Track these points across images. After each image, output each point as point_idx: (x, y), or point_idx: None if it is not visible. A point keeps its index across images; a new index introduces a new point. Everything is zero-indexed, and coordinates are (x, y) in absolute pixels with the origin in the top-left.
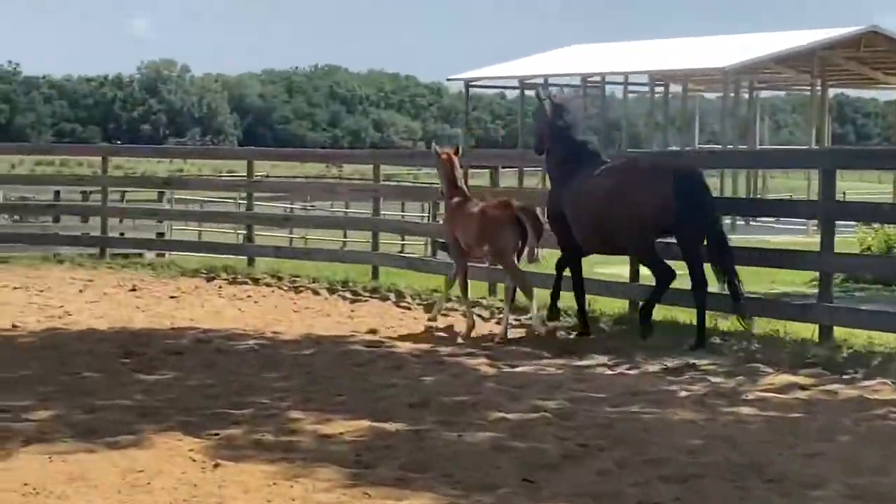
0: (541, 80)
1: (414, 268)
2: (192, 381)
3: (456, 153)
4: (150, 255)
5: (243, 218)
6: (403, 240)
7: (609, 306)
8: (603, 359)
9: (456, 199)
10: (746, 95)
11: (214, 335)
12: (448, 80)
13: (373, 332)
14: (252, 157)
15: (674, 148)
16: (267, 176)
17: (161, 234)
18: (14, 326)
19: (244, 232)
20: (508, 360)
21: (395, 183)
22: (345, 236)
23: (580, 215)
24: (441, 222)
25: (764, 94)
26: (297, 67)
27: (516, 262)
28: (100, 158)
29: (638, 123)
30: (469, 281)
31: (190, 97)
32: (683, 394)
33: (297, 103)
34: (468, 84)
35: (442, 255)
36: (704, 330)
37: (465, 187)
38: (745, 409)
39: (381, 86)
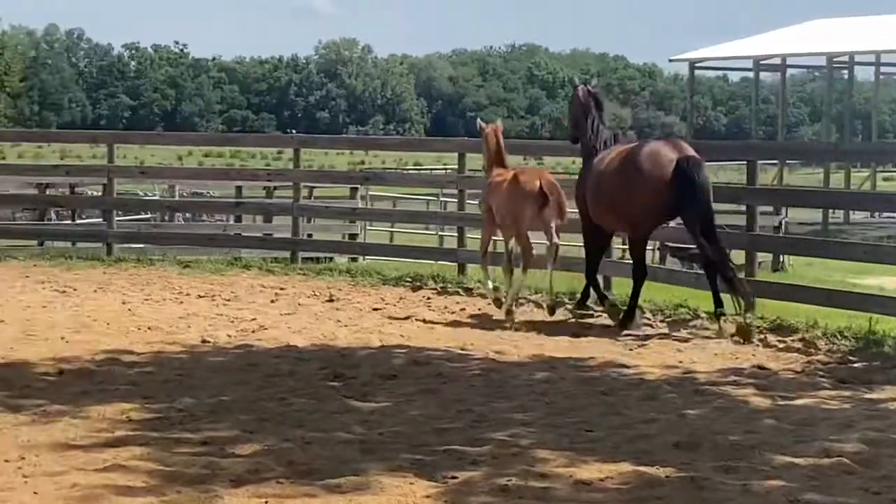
0: (778, 61)
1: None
2: (414, 411)
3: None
4: (341, 260)
5: (454, 219)
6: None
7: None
8: (893, 390)
9: (497, 171)
10: None
11: (431, 355)
12: (671, 60)
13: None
14: (464, 150)
15: None
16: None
17: (354, 236)
18: (204, 341)
19: (448, 234)
20: (781, 390)
21: None
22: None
23: (593, 198)
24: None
25: None
26: (491, 47)
27: (527, 233)
28: (275, 150)
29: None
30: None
31: (373, 81)
32: None
33: (491, 88)
34: (693, 65)
35: (672, 262)
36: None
37: (507, 162)
38: None
39: (585, 68)
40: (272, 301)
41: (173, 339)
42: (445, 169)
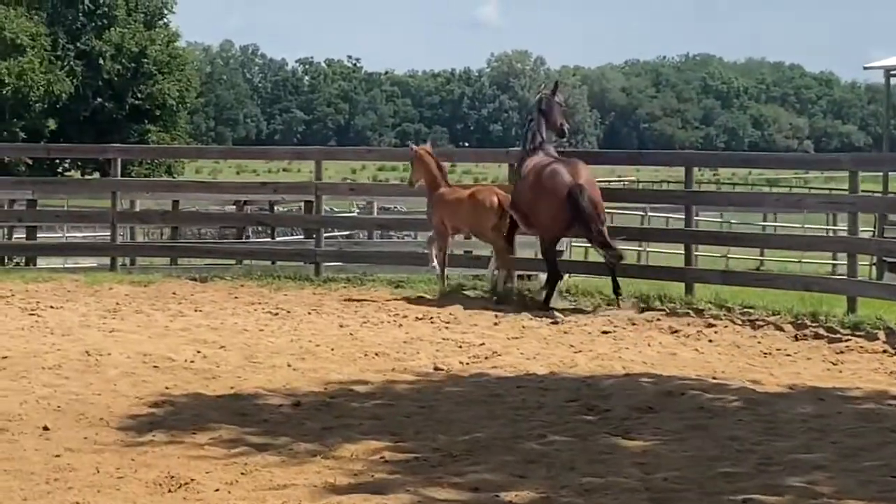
0: None
1: None
2: (688, 451)
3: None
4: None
5: (686, 237)
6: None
7: None
8: None
9: (443, 189)
10: None
11: (684, 385)
12: (865, 68)
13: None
14: (691, 164)
15: None
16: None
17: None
18: (437, 369)
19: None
20: None
21: (878, 194)
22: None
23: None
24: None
25: None
26: (664, 57)
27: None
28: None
29: None
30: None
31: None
32: None
33: (665, 98)
34: (889, 73)
35: (890, 277)
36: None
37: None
38: None
39: (760, 77)
40: (495, 324)
41: (404, 366)
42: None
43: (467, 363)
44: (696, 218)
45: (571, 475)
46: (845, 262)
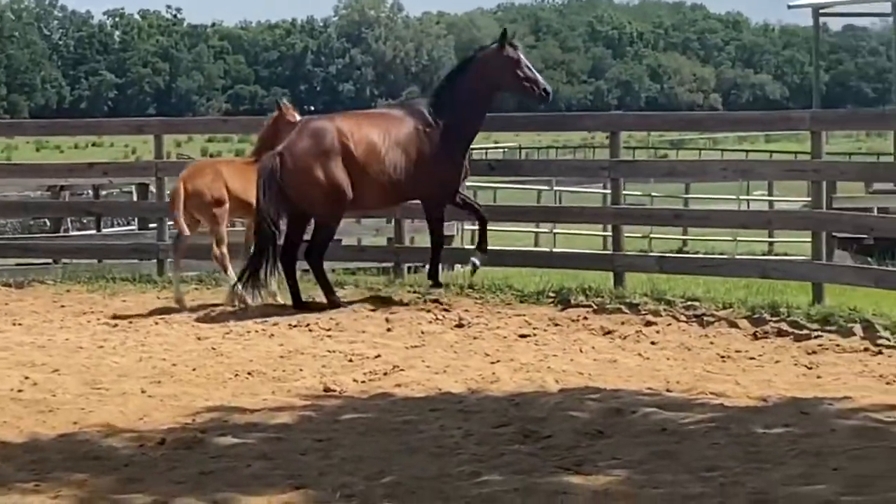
0: None
1: (882, 283)
2: (661, 486)
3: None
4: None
5: (609, 216)
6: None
7: None
8: None
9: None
10: None
11: (635, 401)
12: (790, 7)
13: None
14: (619, 128)
15: None
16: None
17: (450, 238)
18: (327, 390)
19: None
20: None
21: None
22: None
23: None
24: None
25: None
26: (543, 0)
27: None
28: None
29: None
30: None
31: (404, 45)
32: None
33: (546, 48)
34: (818, 11)
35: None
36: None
37: None
38: None
39: (658, 20)
40: (388, 329)
41: (286, 388)
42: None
43: (364, 381)
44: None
45: None
46: (783, 241)
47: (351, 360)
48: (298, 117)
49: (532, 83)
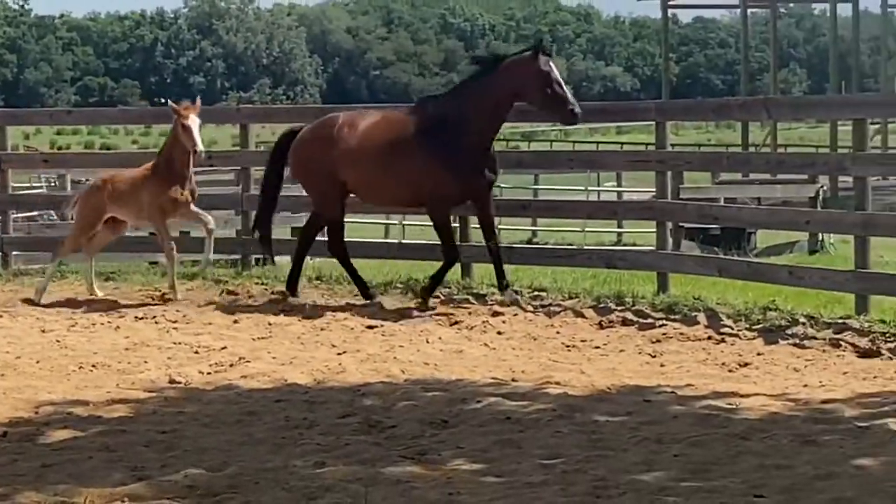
0: None
1: (725, 272)
2: (503, 475)
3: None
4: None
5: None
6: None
7: None
8: None
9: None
10: None
11: (480, 391)
12: None
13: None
14: None
15: None
16: None
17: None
18: (172, 382)
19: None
20: None
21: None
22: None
23: None
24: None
25: None
26: None
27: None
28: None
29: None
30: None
31: (256, 37)
32: None
33: (398, 40)
34: (666, 4)
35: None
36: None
37: None
38: None
39: (509, 13)
40: (235, 322)
41: (131, 380)
42: None
43: (209, 373)
44: None
45: None
46: (632, 231)
47: (197, 352)
48: (193, 119)
49: (560, 101)
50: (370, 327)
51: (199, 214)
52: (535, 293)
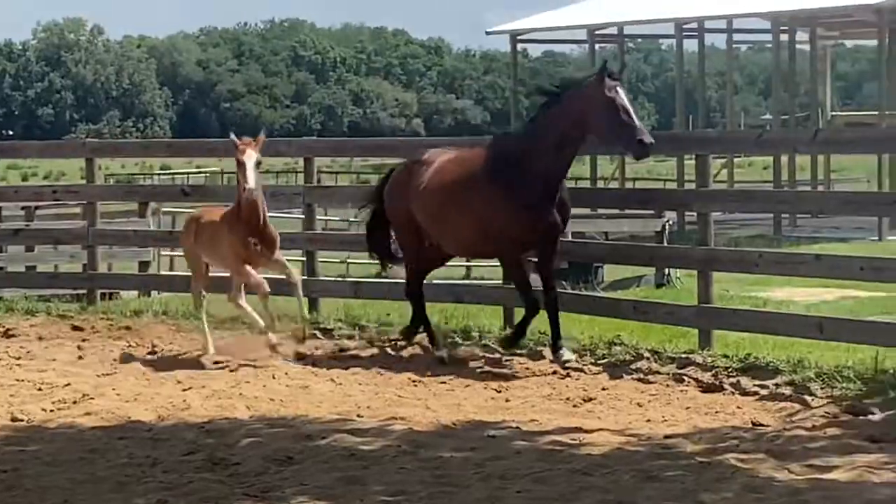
0: (615, 30)
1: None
2: None
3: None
4: (129, 296)
5: (302, 241)
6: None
7: None
8: None
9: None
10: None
11: (325, 427)
12: (488, 33)
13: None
14: (312, 154)
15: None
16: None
17: (146, 265)
18: (14, 419)
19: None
20: (807, 457)
21: None
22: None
23: None
24: None
25: None
26: (246, 24)
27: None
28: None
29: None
30: None
31: (105, 69)
32: None
33: (249, 72)
34: (515, 38)
35: None
36: None
37: None
38: None
39: (360, 46)
40: (79, 357)
41: None
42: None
43: (52, 410)
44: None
45: None
46: (482, 266)
47: (40, 389)
48: (249, 154)
49: (628, 130)
50: (216, 362)
51: (281, 265)
52: (382, 327)
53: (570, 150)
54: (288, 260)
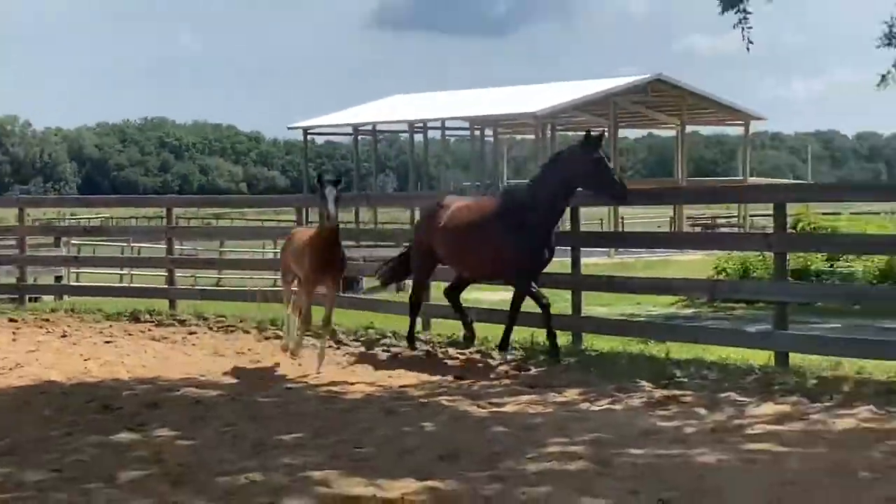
0: (370, 127)
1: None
2: (196, 439)
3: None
4: (48, 299)
5: (167, 262)
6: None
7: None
8: (573, 392)
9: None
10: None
11: (179, 384)
12: (289, 127)
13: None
14: (172, 205)
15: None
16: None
17: (59, 279)
18: None
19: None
20: (490, 398)
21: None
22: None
23: None
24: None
25: (568, 134)
26: (128, 120)
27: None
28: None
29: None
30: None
31: (32, 148)
32: (690, 430)
33: (130, 152)
34: (306, 131)
35: None
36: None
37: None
38: (768, 446)
39: (205, 135)
40: (13, 339)
41: None
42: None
43: None
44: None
45: (97, 468)
46: None
47: None
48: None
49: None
50: (107, 342)
51: (330, 292)
52: (218, 318)
53: (562, 199)
54: (157, 275)
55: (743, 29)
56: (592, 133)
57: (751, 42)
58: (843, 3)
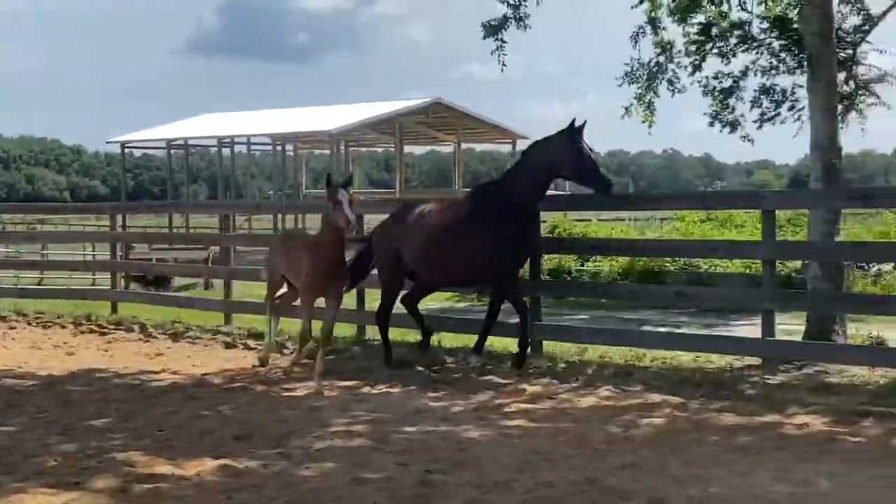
0: (182, 142)
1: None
2: (13, 426)
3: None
4: None
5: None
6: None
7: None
8: (356, 378)
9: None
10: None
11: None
12: (108, 142)
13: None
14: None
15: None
16: None
17: None
18: None
19: None
20: (281, 384)
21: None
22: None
23: None
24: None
25: (360, 150)
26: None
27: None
28: None
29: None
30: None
31: None
32: (457, 409)
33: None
34: (124, 145)
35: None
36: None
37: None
38: (522, 422)
39: (31, 148)
40: None
41: None
42: None
43: None
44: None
45: None
46: (104, 277)
47: None
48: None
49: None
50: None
51: (334, 302)
52: (37, 315)
53: (544, 190)
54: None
55: (500, 55)
56: (574, 121)
57: (505, 65)
58: (593, 40)
